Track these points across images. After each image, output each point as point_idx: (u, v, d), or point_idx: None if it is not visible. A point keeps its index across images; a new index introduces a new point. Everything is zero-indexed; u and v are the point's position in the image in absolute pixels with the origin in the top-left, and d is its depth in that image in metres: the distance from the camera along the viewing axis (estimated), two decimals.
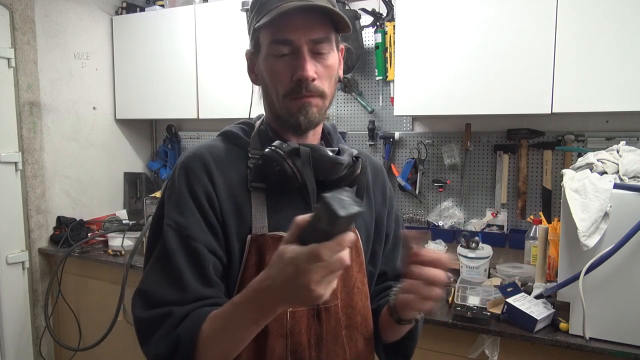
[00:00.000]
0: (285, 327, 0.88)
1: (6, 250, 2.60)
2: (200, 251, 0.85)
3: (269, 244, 0.88)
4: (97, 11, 2.99)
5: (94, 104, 3.01)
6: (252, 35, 0.91)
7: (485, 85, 1.99)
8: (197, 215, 0.87)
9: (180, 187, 0.89)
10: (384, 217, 1.06)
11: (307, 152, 0.89)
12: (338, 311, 0.94)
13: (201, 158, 0.91)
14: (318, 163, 0.89)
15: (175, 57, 2.79)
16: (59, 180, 2.85)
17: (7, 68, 2.55)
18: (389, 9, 2.44)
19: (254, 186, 0.91)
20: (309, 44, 0.86)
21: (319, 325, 0.92)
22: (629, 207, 1.48)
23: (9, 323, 2.63)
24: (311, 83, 0.86)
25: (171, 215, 0.88)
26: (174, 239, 0.86)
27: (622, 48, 1.77)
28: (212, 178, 0.89)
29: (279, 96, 0.89)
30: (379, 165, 1.11)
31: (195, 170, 0.89)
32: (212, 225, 0.88)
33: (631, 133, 2.07)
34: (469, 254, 2.06)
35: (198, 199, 0.87)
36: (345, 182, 0.93)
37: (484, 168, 2.39)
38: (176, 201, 0.88)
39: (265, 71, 0.90)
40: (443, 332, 1.79)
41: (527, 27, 1.91)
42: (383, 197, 1.07)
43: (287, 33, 0.85)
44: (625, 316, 1.51)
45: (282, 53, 0.86)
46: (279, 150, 0.88)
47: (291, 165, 0.87)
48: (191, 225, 0.86)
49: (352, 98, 2.66)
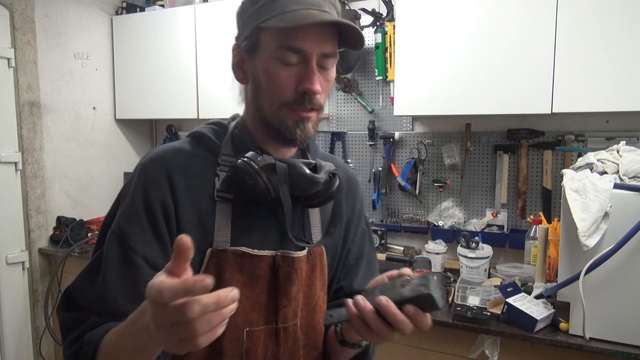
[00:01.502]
0: (241, 347, 0.84)
1: (6, 250, 2.60)
2: (138, 265, 0.80)
3: (230, 260, 0.83)
4: (97, 11, 2.99)
5: (94, 104, 3.01)
6: (251, 31, 0.83)
7: (485, 85, 1.99)
8: (146, 224, 0.81)
9: (134, 191, 0.83)
10: (350, 232, 1.02)
11: (284, 169, 0.83)
12: (297, 330, 0.90)
13: (164, 162, 0.84)
14: (294, 180, 0.83)
15: (175, 57, 2.79)
16: (59, 180, 2.85)
17: (7, 68, 2.55)
18: (389, 9, 2.44)
19: (221, 196, 0.85)
20: (318, 56, 0.81)
21: (276, 345, 0.88)
22: (629, 207, 1.48)
23: (9, 323, 2.63)
24: (314, 96, 0.82)
25: (119, 221, 0.82)
26: (114, 247, 0.80)
27: (622, 48, 1.77)
28: (172, 185, 0.83)
29: (274, 103, 0.83)
30: (354, 177, 1.06)
31: (155, 175, 0.83)
32: (161, 237, 0.82)
33: (631, 133, 2.06)
34: (469, 254, 2.06)
35: (151, 207, 0.81)
36: (320, 197, 0.87)
37: (484, 168, 2.39)
38: (127, 206, 0.83)
39: (264, 74, 0.83)
40: (443, 332, 1.79)
41: (527, 27, 1.91)
42: (353, 210, 1.02)
43: (301, 42, 0.79)
44: (625, 316, 1.51)
45: (290, 61, 0.81)
46: (253, 164, 0.81)
47: (265, 181, 0.81)
48: (135, 235, 0.80)
49: (352, 98, 2.66)
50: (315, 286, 0.93)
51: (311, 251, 0.91)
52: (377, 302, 0.70)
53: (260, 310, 0.86)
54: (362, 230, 1.05)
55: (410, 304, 0.68)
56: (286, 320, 0.89)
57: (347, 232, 1.01)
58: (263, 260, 0.86)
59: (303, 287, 0.91)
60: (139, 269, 0.80)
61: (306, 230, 0.93)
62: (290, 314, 0.89)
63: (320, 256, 0.94)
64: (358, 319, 0.73)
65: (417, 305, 0.68)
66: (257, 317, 0.86)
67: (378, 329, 0.71)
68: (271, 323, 0.88)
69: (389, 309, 0.69)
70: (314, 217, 0.94)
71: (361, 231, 1.05)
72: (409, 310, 0.69)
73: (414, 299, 0.68)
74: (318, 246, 0.92)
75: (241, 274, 0.84)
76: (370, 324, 0.71)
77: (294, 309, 0.89)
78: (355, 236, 1.03)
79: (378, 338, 0.74)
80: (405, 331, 0.70)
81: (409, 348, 1.88)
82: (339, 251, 0.99)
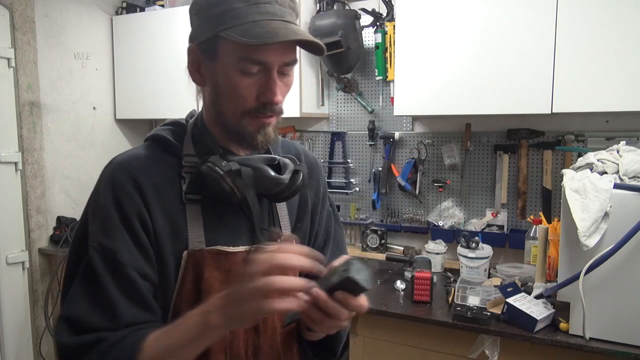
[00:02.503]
0: (225, 342, 0.86)
1: (6, 250, 2.60)
2: (132, 276, 0.80)
3: (207, 258, 0.85)
4: (97, 11, 2.99)
5: (94, 104, 3.01)
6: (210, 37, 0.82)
7: (485, 85, 1.99)
8: (126, 237, 0.81)
9: (106, 204, 0.82)
10: (317, 217, 1.04)
11: (249, 174, 0.85)
12: (274, 320, 0.93)
13: (128, 170, 0.84)
14: (260, 182, 0.86)
15: (175, 57, 2.77)
16: (59, 180, 2.85)
17: (7, 68, 2.55)
18: (389, 9, 2.44)
19: (189, 198, 0.86)
20: (279, 65, 0.82)
21: (256, 336, 0.91)
22: (629, 207, 1.48)
23: (9, 323, 2.62)
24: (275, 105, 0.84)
25: (96, 236, 0.81)
26: (101, 263, 0.79)
27: (622, 48, 1.77)
28: (142, 193, 0.83)
29: (236, 111, 0.84)
30: (315, 161, 1.08)
31: (123, 185, 0.82)
32: (142, 247, 0.82)
33: (631, 133, 2.07)
34: (469, 254, 2.06)
35: (127, 219, 0.81)
36: (285, 193, 0.90)
37: (484, 168, 2.39)
38: (102, 221, 0.82)
39: (224, 82, 0.83)
40: (443, 332, 1.79)
41: (527, 27, 1.91)
42: (317, 194, 1.05)
43: (264, 56, 0.80)
44: (625, 316, 1.51)
45: (251, 71, 0.81)
46: (217, 169, 0.83)
47: (230, 185, 0.83)
48: (119, 249, 0.80)
49: (352, 98, 2.66)
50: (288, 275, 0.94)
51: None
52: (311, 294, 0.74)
53: None
54: (327, 212, 1.08)
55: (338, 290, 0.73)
56: None
57: (314, 218, 1.04)
58: (238, 256, 0.88)
59: None
60: (135, 281, 0.80)
61: (275, 224, 0.96)
62: None
63: None
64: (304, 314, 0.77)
65: (346, 290, 0.73)
66: None
67: (319, 319, 0.75)
68: None
69: (319, 299, 0.73)
70: (281, 209, 0.97)
71: (327, 213, 1.08)
72: (338, 296, 0.73)
73: (339, 285, 0.73)
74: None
75: (218, 271, 0.86)
76: (311, 315, 0.75)
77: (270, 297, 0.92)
78: (322, 219, 1.06)
79: (325, 327, 0.78)
80: (340, 316, 0.74)
81: (409, 348, 1.88)
82: (307, 238, 1.02)
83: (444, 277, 2.22)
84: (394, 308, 1.88)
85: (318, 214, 1.05)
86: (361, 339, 1.97)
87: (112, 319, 0.78)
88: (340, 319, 0.74)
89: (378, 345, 1.94)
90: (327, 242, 1.07)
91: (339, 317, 0.74)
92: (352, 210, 2.70)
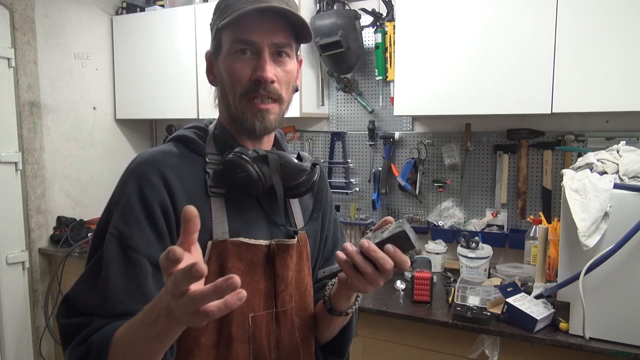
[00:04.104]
0: (248, 332, 0.89)
1: (6, 250, 2.60)
2: (141, 264, 0.81)
3: (230, 249, 0.87)
4: (97, 11, 2.99)
5: (94, 104, 3.01)
6: (214, 36, 0.91)
7: (485, 85, 1.99)
8: (145, 225, 0.82)
9: (129, 194, 0.84)
10: (326, 219, 1.09)
11: (275, 160, 0.89)
12: (292, 313, 0.96)
13: (155, 163, 0.86)
14: (283, 170, 0.90)
15: (175, 57, 2.79)
16: (59, 180, 2.85)
17: (7, 68, 2.55)
18: (389, 9, 2.44)
19: (214, 191, 0.88)
20: (270, 47, 0.86)
21: (277, 328, 0.93)
22: (629, 207, 1.48)
23: (9, 323, 2.63)
24: (270, 84, 0.86)
25: (116, 223, 0.83)
26: (115, 248, 0.81)
27: (622, 48, 1.77)
28: (168, 185, 0.85)
29: (235, 97, 0.88)
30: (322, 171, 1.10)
31: (149, 177, 0.84)
32: (161, 236, 0.83)
33: (631, 133, 2.07)
34: (469, 254, 2.06)
35: (150, 208, 0.83)
36: (304, 187, 0.94)
37: (484, 168, 2.39)
38: (123, 209, 0.83)
39: (224, 70, 0.89)
40: (443, 332, 1.79)
41: (527, 27, 1.91)
42: (326, 199, 1.08)
43: (250, 34, 0.85)
44: (625, 316, 1.51)
45: (243, 53, 0.86)
46: (244, 156, 0.86)
47: (257, 171, 0.86)
48: (135, 236, 0.81)
49: (352, 98, 2.66)
50: (304, 271, 0.99)
51: (299, 239, 0.97)
52: (360, 244, 0.79)
53: (260, 296, 0.91)
54: (334, 218, 1.13)
55: (388, 243, 0.78)
56: (284, 304, 0.94)
57: (324, 220, 1.08)
58: (259, 249, 0.91)
59: (294, 273, 0.96)
60: (142, 268, 0.81)
61: (290, 219, 1.00)
62: (287, 298, 0.94)
63: (305, 244, 0.99)
64: (347, 264, 0.80)
65: (395, 244, 0.78)
66: (258, 302, 0.91)
67: (364, 268, 0.79)
68: (271, 308, 0.92)
69: (370, 248, 0.78)
70: (295, 207, 1.01)
71: (334, 219, 1.13)
72: (389, 249, 0.78)
73: (390, 239, 0.79)
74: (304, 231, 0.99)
75: (241, 262, 0.89)
76: (357, 264, 0.79)
77: (290, 293, 0.95)
78: (330, 224, 1.11)
79: (365, 282, 0.81)
80: (387, 267, 0.78)
81: (409, 348, 1.88)
82: (318, 238, 1.06)
83: (444, 277, 2.22)
84: (394, 308, 1.88)
85: (327, 217, 1.09)
86: (361, 339, 1.97)
87: (104, 305, 0.79)
88: (385, 269, 0.78)
89: (378, 345, 1.94)
90: (335, 246, 1.10)
91: (383, 267, 0.78)
92: (352, 210, 2.70)
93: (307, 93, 2.55)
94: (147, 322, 0.68)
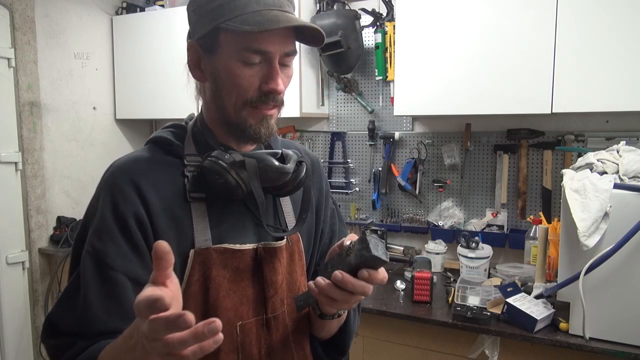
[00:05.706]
0: (236, 341, 0.85)
1: (6, 250, 2.60)
2: (119, 281, 0.78)
3: (214, 257, 0.84)
4: (97, 11, 2.99)
5: (94, 104, 3.01)
6: (210, 31, 0.83)
7: (485, 85, 2.00)
8: (120, 240, 0.79)
9: (103, 209, 0.81)
10: (321, 213, 1.04)
11: (253, 165, 0.84)
12: (285, 317, 0.92)
13: (128, 173, 0.83)
14: (264, 173, 0.85)
15: (175, 57, 2.77)
16: (59, 180, 2.85)
17: (7, 68, 2.55)
18: (389, 9, 2.44)
19: (193, 196, 0.84)
20: (281, 56, 0.83)
21: (269, 334, 0.90)
22: (629, 207, 1.48)
23: (9, 323, 2.62)
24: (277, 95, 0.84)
25: (91, 240, 0.80)
26: (91, 266, 0.79)
27: (622, 48, 1.77)
28: (142, 194, 0.81)
29: (237, 103, 0.84)
30: (316, 159, 1.08)
31: (122, 188, 0.81)
32: (138, 250, 0.80)
33: (631, 133, 2.07)
34: (469, 254, 2.06)
35: (124, 222, 0.80)
36: (290, 186, 0.90)
37: (484, 168, 2.39)
38: (98, 225, 0.80)
39: (226, 74, 0.83)
40: (443, 332, 1.79)
41: (527, 27, 1.91)
42: (320, 192, 1.04)
43: (266, 44, 0.80)
44: (625, 316, 1.51)
45: (253, 61, 0.82)
46: (221, 162, 0.82)
47: (235, 177, 0.82)
48: (111, 253, 0.79)
49: (352, 98, 2.66)
50: (296, 272, 0.95)
51: (289, 239, 0.93)
52: (334, 278, 0.75)
53: (248, 303, 0.88)
54: (331, 210, 1.08)
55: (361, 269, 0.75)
56: (275, 309, 0.91)
57: (318, 214, 1.03)
58: (245, 254, 0.87)
59: (285, 276, 0.93)
60: (121, 286, 0.78)
61: (280, 219, 0.95)
62: (278, 302, 0.91)
63: (297, 243, 0.96)
64: (323, 296, 0.78)
65: (367, 267, 0.75)
66: (246, 310, 0.87)
67: (343, 298, 0.77)
68: (261, 314, 0.89)
69: (346, 281, 0.75)
70: (285, 205, 0.97)
71: (330, 211, 1.08)
72: (364, 275, 0.75)
73: (361, 264, 0.75)
74: (294, 234, 0.94)
75: (226, 269, 0.85)
76: (335, 297, 0.77)
77: (281, 297, 0.92)
78: (326, 217, 1.06)
79: (346, 305, 0.81)
80: (367, 292, 0.76)
81: (409, 348, 1.88)
82: (313, 235, 1.02)
83: (444, 277, 2.22)
84: (394, 308, 1.88)
85: (322, 210, 1.04)
86: (361, 339, 1.97)
87: (85, 326, 0.77)
88: (366, 294, 0.76)
89: (378, 345, 1.94)
90: (332, 239, 1.06)
91: (364, 293, 0.76)
92: (352, 210, 2.70)
93: (307, 93, 2.55)
94: (126, 347, 0.66)
